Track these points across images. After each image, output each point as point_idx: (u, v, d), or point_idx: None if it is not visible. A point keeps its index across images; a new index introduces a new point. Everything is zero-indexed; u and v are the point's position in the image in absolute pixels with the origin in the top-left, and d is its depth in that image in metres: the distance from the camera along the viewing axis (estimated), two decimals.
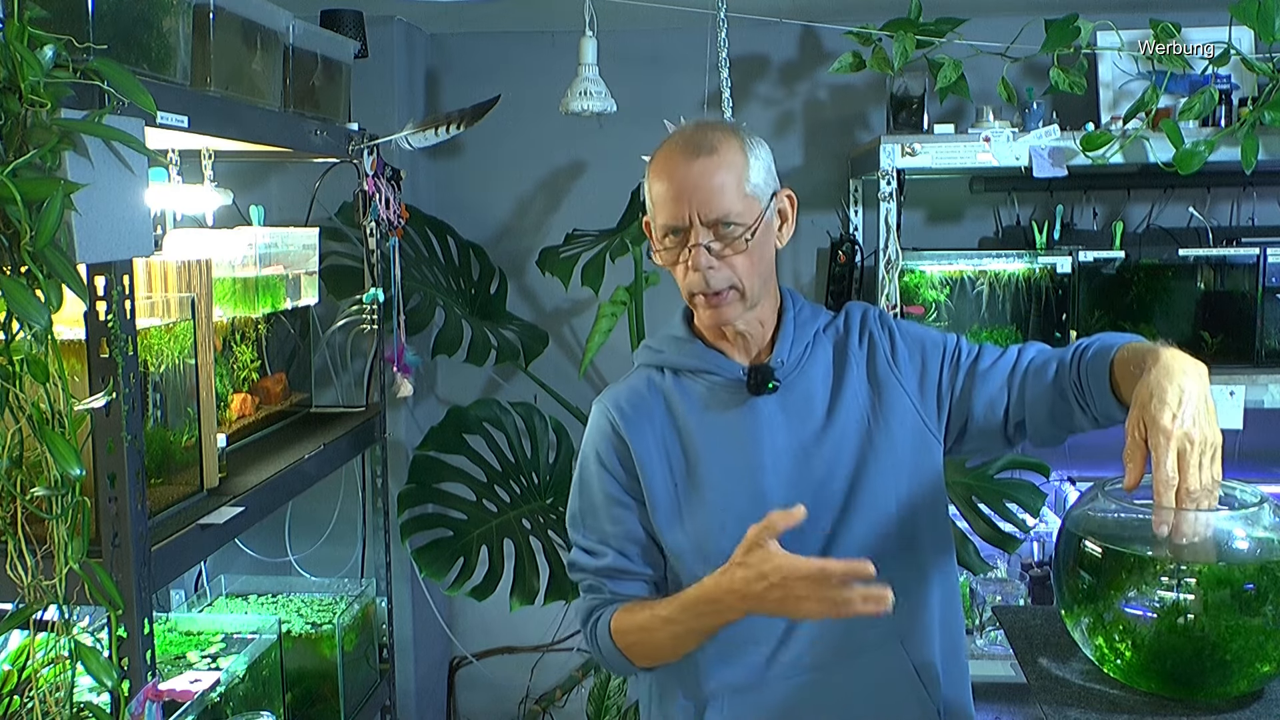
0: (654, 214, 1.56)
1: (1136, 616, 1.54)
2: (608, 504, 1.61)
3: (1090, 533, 1.61)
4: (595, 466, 1.62)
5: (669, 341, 1.67)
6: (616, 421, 1.61)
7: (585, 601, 1.63)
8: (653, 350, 1.68)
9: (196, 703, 1.80)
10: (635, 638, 1.56)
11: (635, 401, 1.63)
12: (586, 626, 1.63)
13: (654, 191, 1.56)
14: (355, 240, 2.70)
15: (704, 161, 1.52)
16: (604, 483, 1.61)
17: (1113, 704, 1.57)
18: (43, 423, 1.30)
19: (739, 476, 1.56)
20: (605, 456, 1.62)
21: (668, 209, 1.52)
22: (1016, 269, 2.74)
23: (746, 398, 1.58)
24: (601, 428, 1.63)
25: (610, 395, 1.66)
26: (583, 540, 1.63)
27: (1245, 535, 1.54)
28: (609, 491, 1.61)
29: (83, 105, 1.32)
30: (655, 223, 1.56)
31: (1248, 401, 2.58)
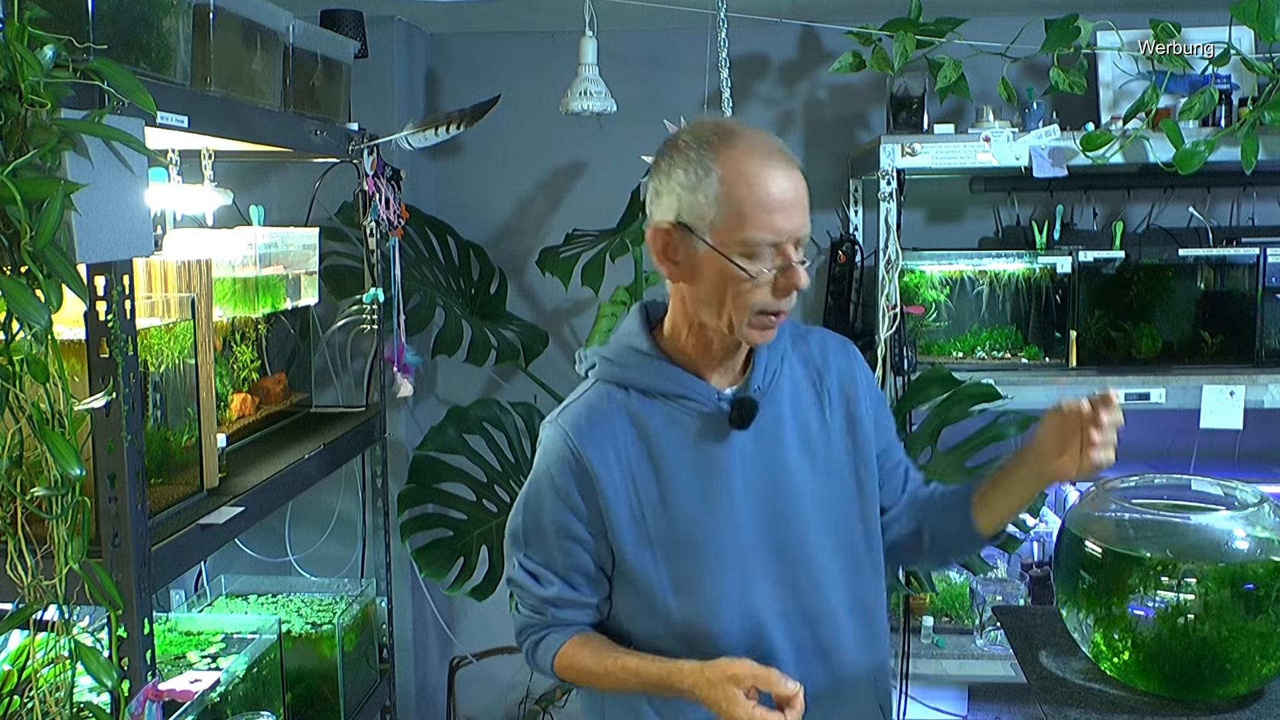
0: (740, 223, 1.39)
1: (1136, 616, 1.54)
2: (559, 535, 1.52)
3: (1090, 533, 1.61)
4: (550, 495, 1.51)
5: (634, 358, 1.53)
6: (577, 446, 1.48)
7: (523, 618, 1.58)
8: (614, 365, 1.54)
9: (196, 703, 1.80)
10: (579, 677, 1.55)
11: (597, 422, 1.50)
12: (525, 644, 1.59)
13: (753, 195, 1.39)
14: (355, 240, 2.70)
15: (798, 176, 1.42)
16: (557, 513, 1.51)
17: (1113, 704, 1.57)
18: (43, 423, 1.30)
19: (712, 506, 1.50)
20: (561, 485, 1.50)
21: (777, 219, 1.39)
22: (1016, 269, 2.74)
23: (722, 426, 1.50)
24: (559, 452, 1.50)
25: (568, 416, 1.52)
26: (527, 563, 1.55)
27: (1245, 535, 1.54)
28: (562, 523, 1.51)
29: (83, 105, 1.32)
30: (737, 234, 1.39)
31: (1248, 401, 2.58)
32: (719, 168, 1.40)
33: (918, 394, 2.57)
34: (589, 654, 1.53)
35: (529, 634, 1.59)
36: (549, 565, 1.54)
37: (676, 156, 1.43)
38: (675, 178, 1.43)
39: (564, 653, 1.54)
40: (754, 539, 1.50)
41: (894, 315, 2.60)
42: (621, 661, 1.49)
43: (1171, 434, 2.97)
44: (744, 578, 1.51)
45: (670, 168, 1.44)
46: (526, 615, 1.59)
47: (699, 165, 1.41)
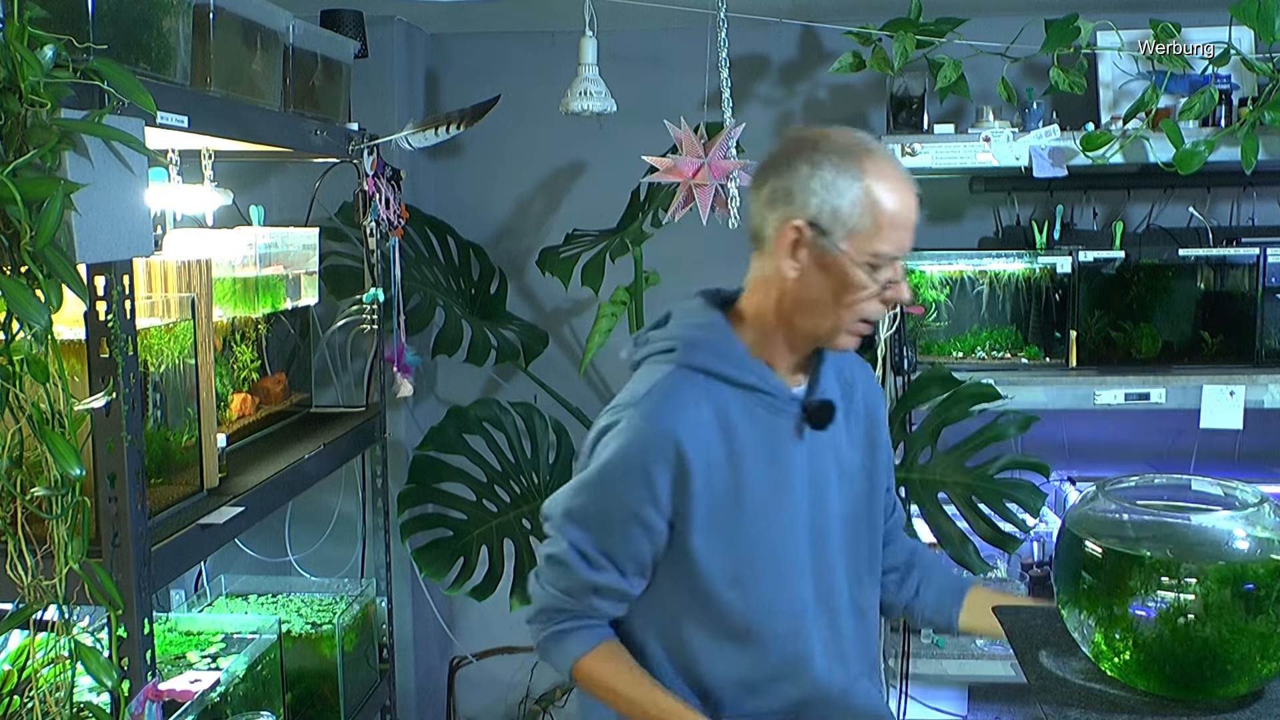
0: (877, 233, 1.43)
1: (1136, 617, 1.54)
2: (628, 522, 1.49)
3: (1090, 533, 1.61)
4: (634, 482, 1.48)
5: (718, 346, 1.53)
6: (676, 437, 1.46)
7: (551, 599, 1.55)
8: (697, 351, 1.52)
9: (196, 703, 1.80)
10: (594, 687, 1.56)
11: (689, 411, 1.49)
12: (544, 628, 1.56)
13: (887, 211, 1.43)
14: (355, 240, 2.70)
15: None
16: (635, 501, 1.48)
17: (1113, 704, 1.57)
18: (43, 423, 1.30)
19: (778, 504, 1.52)
20: (652, 474, 1.47)
21: (904, 237, 1.45)
22: (1016, 269, 2.74)
23: (793, 424, 1.53)
24: (655, 443, 1.47)
25: (664, 406, 1.49)
26: (581, 544, 1.51)
27: (1245, 535, 1.54)
28: (637, 510, 1.48)
29: (83, 105, 1.32)
30: (871, 243, 1.43)
31: (1248, 401, 2.58)
32: (866, 178, 1.43)
33: (918, 394, 2.57)
34: (612, 670, 1.54)
35: (554, 619, 1.56)
36: (606, 550, 1.51)
37: (818, 158, 1.44)
38: (818, 179, 1.44)
39: (589, 660, 1.54)
40: (803, 542, 1.55)
41: (894, 315, 2.60)
42: (641, 690, 1.52)
43: (1171, 434, 2.97)
44: (793, 579, 1.54)
45: (814, 170, 1.44)
46: (556, 597, 1.54)
47: (846, 172, 1.43)
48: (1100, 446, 3.08)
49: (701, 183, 2.36)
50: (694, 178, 2.37)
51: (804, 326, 1.50)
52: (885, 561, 1.73)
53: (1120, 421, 3.04)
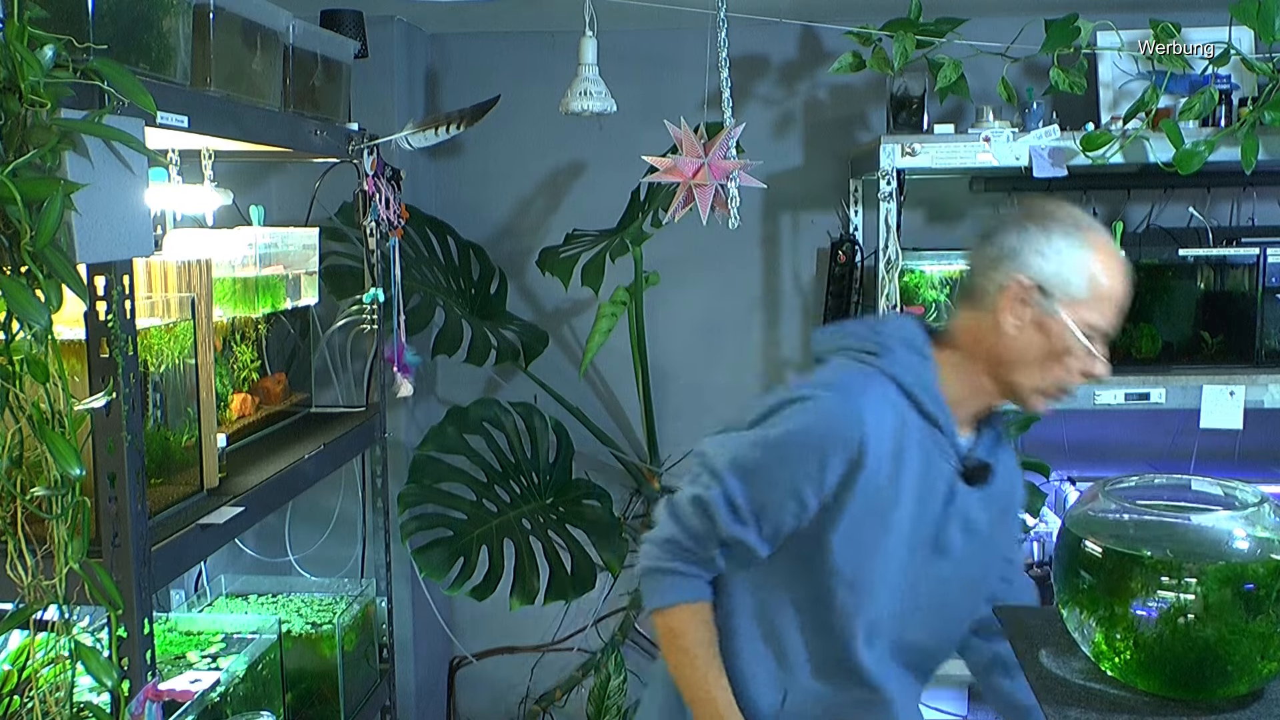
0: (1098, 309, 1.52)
1: (1136, 617, 1.54)
2: (788, 492, 1.53)
3: (1090, 533, 1.61)
4: (810, 459, 1.52)
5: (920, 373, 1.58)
6: (864, 437, 1.52)
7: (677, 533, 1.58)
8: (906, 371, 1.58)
9: (196, 703, 1.80)
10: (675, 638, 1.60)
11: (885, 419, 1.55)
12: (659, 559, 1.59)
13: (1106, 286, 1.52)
14: (355, 240, 2.70)
15: None
16: (802, 477, 1.53)
17: (1113, 704, 1.57)
18: (43, 423, 1.30)
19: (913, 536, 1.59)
20: (828, 459, 1.52)
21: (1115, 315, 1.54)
22: None
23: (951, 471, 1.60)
24: (843, 433, 1.52)
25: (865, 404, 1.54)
26: (736, 495, 1.54)
27: (1245, 535, 1.54)
28: (799, 485, 1.53)
29: (83, 105, 1.32)
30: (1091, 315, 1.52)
31: (1248, 401, 2.58)
32: (1097, 253, 1.51)
33: None
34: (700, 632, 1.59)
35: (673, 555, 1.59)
36: (756, 510, 1.55)
37: (1053, 225, 1.53)
38: (1052, 244, 1.52)
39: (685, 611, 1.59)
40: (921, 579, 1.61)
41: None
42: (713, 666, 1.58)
43: (1171, 434, 2.97)
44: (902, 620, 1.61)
45: (1046, 235, 1.52)
46: (685, 536, 1.58)
47: (1080, 243, 1.51)
48: (1100, 446, 3.08)
49: (701, 183, 2.36)
50: (694, 178, 2.37)
51: (1007, 381, 1.57)
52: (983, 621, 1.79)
53: (1120, 421, 3.04)
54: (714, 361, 3.31)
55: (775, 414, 1.56)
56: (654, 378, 3.09)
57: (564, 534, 2.84)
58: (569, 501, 2.95)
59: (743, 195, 2.38)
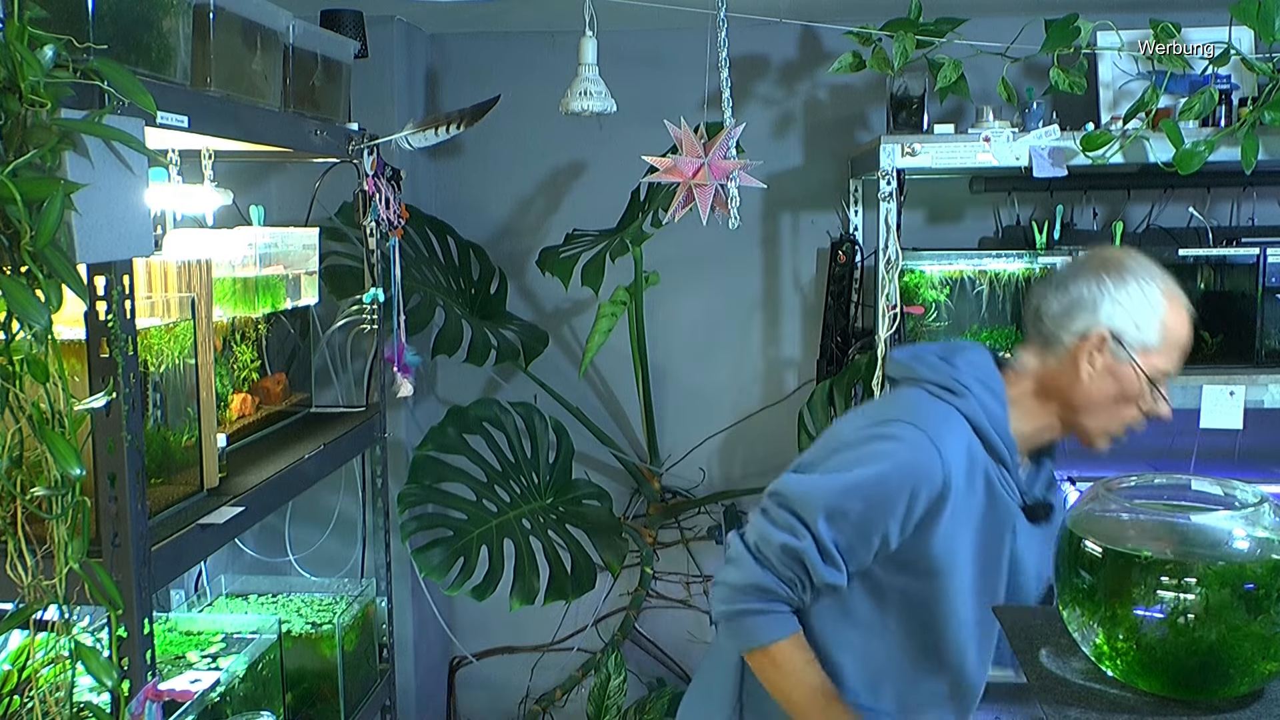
0: (1169, 353, 1.60)
1: (1136, 616, 1.54)
2: (874, 531, 1.58)
3: (1091, 533, 1.61)
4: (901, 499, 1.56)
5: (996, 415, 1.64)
6: (950, 478, 1.57)
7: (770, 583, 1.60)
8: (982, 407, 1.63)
9: (196, 703, 1.80)
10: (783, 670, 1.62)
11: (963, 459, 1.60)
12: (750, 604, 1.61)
13: (1175, 333, 1.60)
14: (355, 240, 2.70)
15: None
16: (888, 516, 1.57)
17: (1113, 704, 1.57)
18: (43, 423, 1.30)
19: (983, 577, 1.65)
20: (914, 498, 1.57)
21: (1180, 358, 1.61)
22: (1016, 269, 2.74)
23: (1014, 507, 1.66)
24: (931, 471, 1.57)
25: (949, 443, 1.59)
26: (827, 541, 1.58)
27: (1245, 535, 1.54)
28: (886, 524, 1.57)
29: (83, 105, 1.32)
30: (1162, 360, 1.60)
31: (1248, 401, 2.58)
32: (1167, 302, 1.58)
33: None
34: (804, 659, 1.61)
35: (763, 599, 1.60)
36: (847, 551, 1.58)
37: (1128, 275, 1.59)
38: (1125, 293, 1.59)
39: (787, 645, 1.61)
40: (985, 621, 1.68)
41: (894, 315, 2.60)
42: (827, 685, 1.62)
43: (1171, 434, 2.97)
44: (962, 654, 1.68)
45: (1120, 285, 1.59)
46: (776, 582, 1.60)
47: (1154, 293, 1.58)
48: None
49: (701, 183, 2.36)
50: (694, 178, 2.37)
51: (1075, 422, 1.64)
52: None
53: None
54: (714, 361, 3.32)
55: (860, 452, 1.59)
56: (654, 378, 3.09)
57: (564, 534, 2.84)
58: (569, 501, 2.95)
59: (743, 195, 2.38)
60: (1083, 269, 1.62)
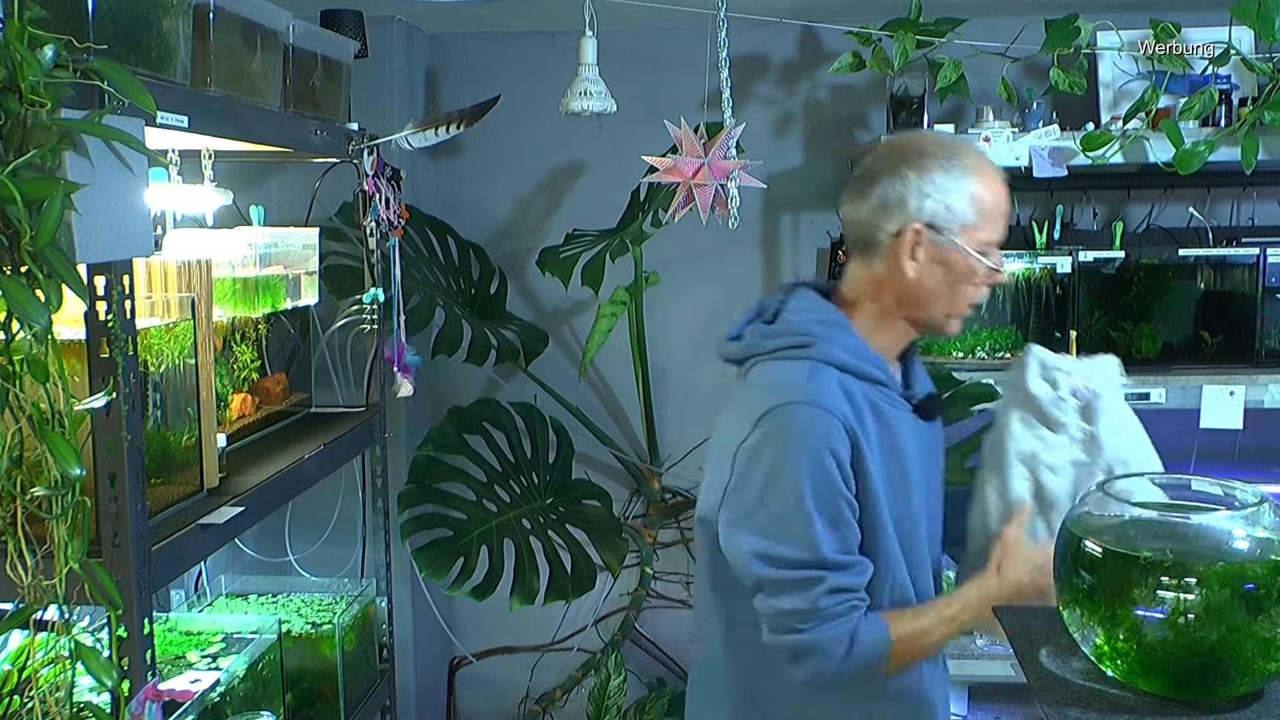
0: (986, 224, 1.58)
1: (1136, 617, 1.54)
2: (848, 512, 1.53)
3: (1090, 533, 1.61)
4: (836, 474, 1.50)
5: (847, 342, 1.59)
6: (854, 428, 1.52)
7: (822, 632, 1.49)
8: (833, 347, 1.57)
9: (196, 703, 1.80)
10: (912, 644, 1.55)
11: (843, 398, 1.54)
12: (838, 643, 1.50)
13: (996, 202, 1.58)
14: (355, 240, 2.70)
15: None
16: (844, 491, 1.52)
17: (1113, 704, 1.57)
18: (43, 423, 1.30)
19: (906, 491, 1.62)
20: (844, 461, 1.51)
21: (1001, 224, 1.59)
22: (1016, 269, 2.74)
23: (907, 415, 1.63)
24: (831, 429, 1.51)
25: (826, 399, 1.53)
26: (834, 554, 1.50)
27: (1245, 535, 1.54)
28: (850, 500, 1.53)
29: (83, 105, 1.32)
30: (981, 234, 1.58)
31: (1248, 401, 2.58)
32: (973, 175, 1.56)
33: None
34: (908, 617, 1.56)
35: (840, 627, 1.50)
36: (850, 548, 1.53)
37: (930, 163, 1.56)
38: (930, 181, 1.55)
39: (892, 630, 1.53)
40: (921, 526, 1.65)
41: None
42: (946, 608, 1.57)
43: (1171, 434, 2.96)
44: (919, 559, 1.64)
45: (924, 173, 1.56)
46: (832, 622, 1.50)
47: (951, 172, 1.55)
48: None
49: (701, 183, 2.36)
50: (694, 178, 2.37)
51: (922, 317, 1.61)
52: None
53: None
54: (714, 361, 3.30)
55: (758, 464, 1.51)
56: (654, 378, 3.09)
57: (564, 534, 2.84)
58: (569, 501, 2.95)
59: (743, 195, 2.38)
60: (882, 167, 1.58)
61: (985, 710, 3.05)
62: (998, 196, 1.58)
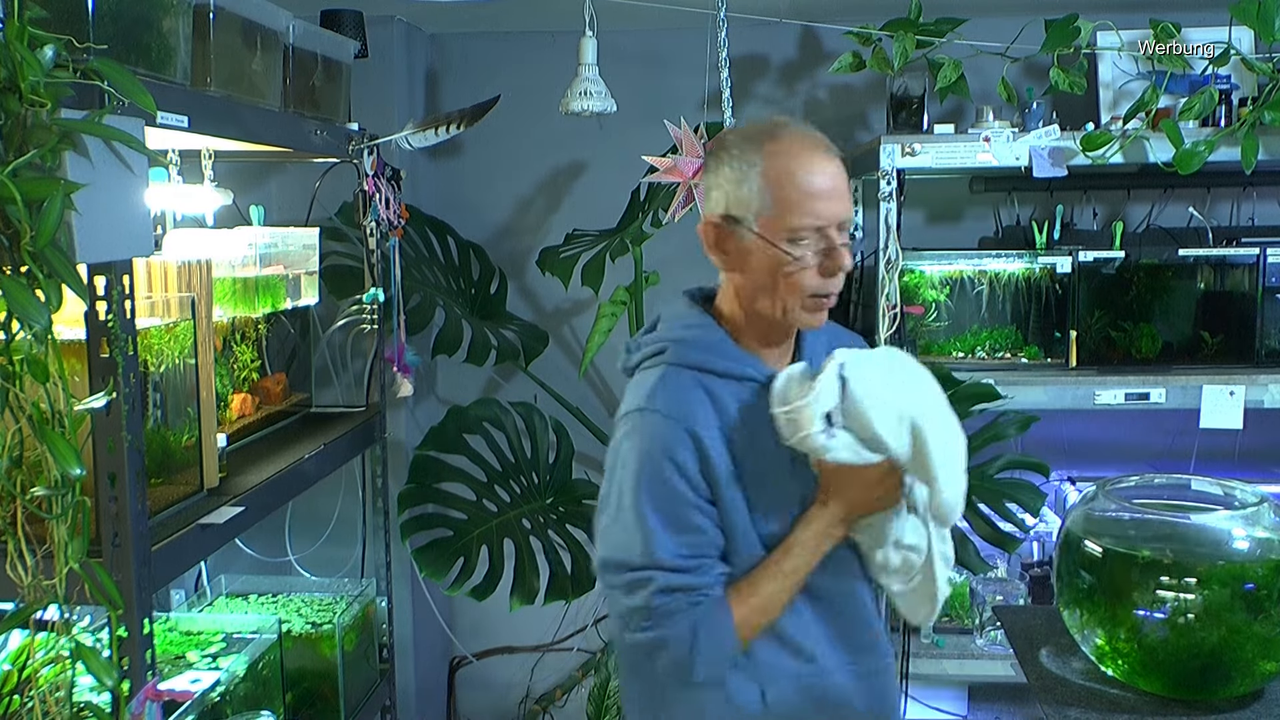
0: (787, 209, 1.48)
1: (1136, 617, 1.54)
2: (697, 513, 1.51)
3: (1090, 533, 1.61)
4: (678, 479, 1.50)
5: (704, 343, 1.58)
6: (690, 425, 1.50)
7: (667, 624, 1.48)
8: (687, 348, 1.58)
9: (196, 703, 1.80)
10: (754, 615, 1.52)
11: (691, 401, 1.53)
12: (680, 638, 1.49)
13: (796, 184, 1.48)
14: (355, 240, 2.70)
15: (838, 164, 1.52)
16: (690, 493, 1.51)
17: (1113, 704, 1.57)
18: (43, 423, 1.30)
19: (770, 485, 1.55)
20: (686, 465, 1.50)
21: (820, 206, 1.48)
22: (1016, 269, 2.74)
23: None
24: (675, 436, 1.50)
25: (666, 402, 1.53)
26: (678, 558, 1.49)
27: (1245, 535, 1.54)
28: (696, 502, 1.51)
29: (83, 105, 1.32)
30: (785, 220, 1.48)
31: (1248, 401, 2.58)
32: (763, 161, 1.50)
33: None
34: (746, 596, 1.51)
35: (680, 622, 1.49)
36: (698, 550, 1.51)
37: (723, 155, 1.55)
38: (722, 174, 1.54)
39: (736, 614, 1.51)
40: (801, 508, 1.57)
41: (894, 315, 2.60)
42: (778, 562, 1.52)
43: (1171, 434, 2.97)
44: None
45: (718, 166, 1.55)
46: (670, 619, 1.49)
47: (743, 160, 1.51)
48: (1100, 446, 3.08)
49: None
50: (694, 178, 2.37)
51: (760, 311, 1.55)
52: None
53: (1120, 421, 3.04)
54: None
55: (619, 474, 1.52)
56: None
57: (564, 534, 2.84)
58: (569, 501, 2.95)
59: None
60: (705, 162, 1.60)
61: (985, 710, 3.05)
62: (800, 178, 1.48)
